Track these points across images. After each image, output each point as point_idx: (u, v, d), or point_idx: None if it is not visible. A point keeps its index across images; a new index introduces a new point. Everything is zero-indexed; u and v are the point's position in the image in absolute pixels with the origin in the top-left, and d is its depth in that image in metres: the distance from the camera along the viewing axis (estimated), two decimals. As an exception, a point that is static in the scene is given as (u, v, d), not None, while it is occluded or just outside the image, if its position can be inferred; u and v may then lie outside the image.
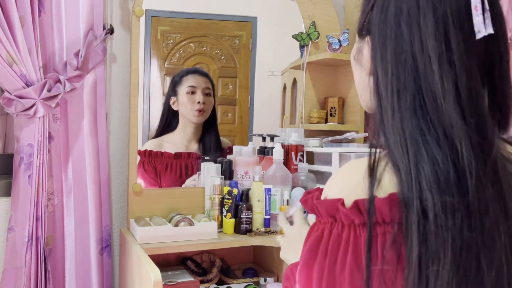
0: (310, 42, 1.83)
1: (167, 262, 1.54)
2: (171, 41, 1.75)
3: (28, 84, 1.33)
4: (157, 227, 1.37)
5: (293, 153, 1.66)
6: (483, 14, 0.53)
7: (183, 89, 1.70)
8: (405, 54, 0.55)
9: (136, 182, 1.51)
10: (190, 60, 1.77)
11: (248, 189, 1.53)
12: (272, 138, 1.70)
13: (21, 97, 1.31)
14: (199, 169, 1.65)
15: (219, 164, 1.59)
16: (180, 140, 1.72)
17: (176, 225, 1.39)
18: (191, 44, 1.78)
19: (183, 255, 1.56)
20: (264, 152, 1.68)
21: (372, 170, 0.55)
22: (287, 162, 1.63)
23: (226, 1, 1.85)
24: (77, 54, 1.41)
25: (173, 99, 1.71)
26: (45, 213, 1.37)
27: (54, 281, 1.42)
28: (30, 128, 1.34)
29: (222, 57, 1.82)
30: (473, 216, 0.50)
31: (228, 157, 1.65)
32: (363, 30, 0.63)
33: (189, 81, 1.71)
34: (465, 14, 0.54)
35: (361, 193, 0.54)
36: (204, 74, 1.76)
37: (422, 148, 0.52)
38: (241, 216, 1.48)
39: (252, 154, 1.64)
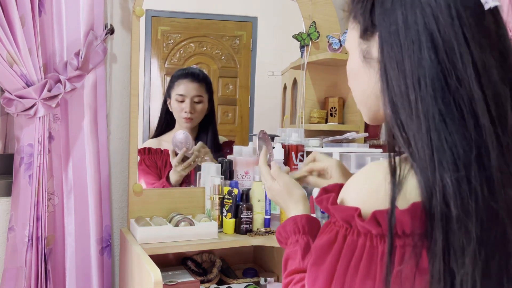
0: (310, 42, 1.83)
1: (167, 262, 1.54)
2: (171, 41, 1.75)
3: (28, 84, 1.33)
4: (157, 227, 1.37)
5: (293, 153, 1.66)
6: None
7: (173, 95, 1.71)
8: (421, 35, 0.53)
9: (136, 182, 1.51)
10: (190, 60, 1.78)
11: (249, 189, 1.53)
12: (272, 138, 1.70)
13: (21, 97, 1.31)
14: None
15: (219, 164, 1.59)
16: None
17: (176, 225, 1.39)
18: (191, 44, 1.78)
19: (183, 255, 1.56)
20: (264, 152, 1.68)
21: (393, 174, 0.52)
22: (287, 162, 1.63)
23: (226, 1, 1.85)
24: (77, 54, 1.41)
25: (168, 100, 1.73)
26: (45, 213, 1.37)
27: (54, 281, 1.42)
28: (30, 128, 1.34)
29: (222, 57, 1.82)
30: (497, 188, 0.49)
31: (228, 157, 1.65)
32: (368, 30, 0.60)
33: (179, 88, 1.70)
34: None
35: (381, 201, 0.52)
36: (198, 79, 1.73)
37: (443, 140, 0.50)
38: (241, 216, 1.48)
39: (252, 154, 1.64)
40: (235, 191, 1.50)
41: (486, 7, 0.53)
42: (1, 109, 1.45)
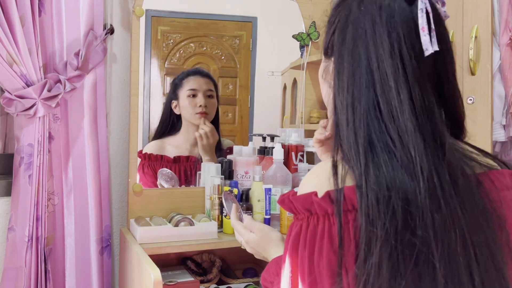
0: (310, 42, 1.83)
1: (167, 262, 1.54)
2: (171, 41, 1.75)
3: (28, 84, 1.33)
4: (157, 227, 1.37)
5: (293, 153, 1.66)
6: (430, 33, 0.61)
7: (184, 92, 1.67)
8: (362, 70, 0.62)
9: (136, 182, 1.51)
10: (190, 60, 1.78)
11: (248, 189, 1.53)
12: (272, 138, 1.70)
13: (21, 97, 1.31)
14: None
15: (219, 164, 1.59)
16: (183, 144, 1.71)
17: (176, 225, 1.39)
18: (191, 44, 1.78)
19: (183, 255, 1.56)
20: (264, 152, 1.68)
21: (335, 170, 0.60)
22: (287, 162, 1.63)
23: (226, 1, 1.85)
24: (77, 54, 1.41)
25: (174, 102, 1.69)
26: (45, 213, 1.37)
27: (54, 281, 1.42)
28: (30, 128, 1.34)
29: (222, 57, 1.82)
30: (424, 213, 0.55)
31: (228, 157, 1.65)
32: (328, 51, 0.71)
33: (189, 84, 1.68)
34: (415, 35, 0.61)
35: (331, 186, 0.59)
36: (206, 75, 1.73)
37: (371, 158, 0.58)
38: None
39: (252, 154, 1.64)
40: (235, 191, 1.50)
41: (427, 53, 0.61)
42: (1, 109, 1.45)
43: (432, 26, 0.61)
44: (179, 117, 1.70)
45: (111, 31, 1.50)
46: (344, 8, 0.70)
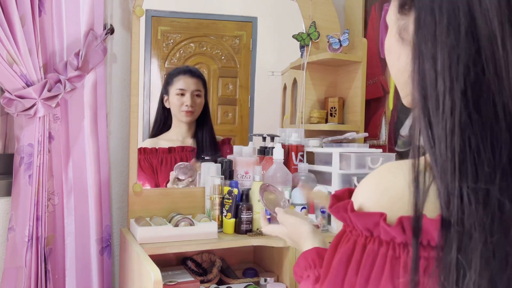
0: (310, 42, 1.83)
1: (167, 262, 1.54)
2: (171, 41, 1.75)
3: (28, 84, 1.33)
4: (157, 227, 1.37)
5: (293, 153, 1.66)
6: None
7: (173, 90, 1.72)
8: (460, 17, 0.45)
9: (136, 182, 1.51)
10: (190, 60, 1.78)
11: (248, 189, 1.53)
12: (272, 138, 1.70)
13: (21, 97, 1.31)
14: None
15: (219, 164, 1.59)
16: (175, 137, 1.74)
17: (176, 225, 1.39)
18: (191, 44, 1.78)
19: (183, 255, 1.56)
20: (264, 152, 1.68)
21: (416, 179, 0.47)
22: (287, 162, 1.63)
23: (226, 1, 1.85)
24: (77, 54, 1.41)
25: (165, 97, 1.73)
26: (45, 213, 1.37)
27: (54, 281, 1.42)
28: (30, 128, 1.34)
29: (222, 57, 1.82)
30: None
31: (228, 157, 1.66)
32: (406, 4, 0.54)
33: (179, 83, 1.72)
34: None
35: (404, 207, 0.47)
36: (196, 75, 1.76)
37: (467, 143, 0.43)
38: (241, 216, 1.48)
39: (252, 154, 1.64)
40: (235, 191, 1.50)
41: None
42: (1, 109, 1.45)
43: None
44: (169, 111, 1.74)
45: (111, 31, 1.50)
46: None
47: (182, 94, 1.71)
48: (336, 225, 1.53)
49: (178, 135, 1.74)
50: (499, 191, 0.42)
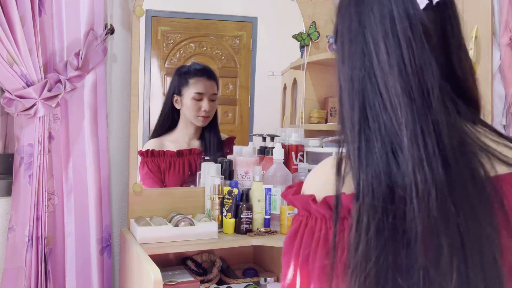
0: (310, 42, 1.83)
1: (167, 262, 1.54)
2: (172, 41, 1.75)
3: (28, 84, 1.33)
4: (157, 227, 1.37)
5: (293, 153, 1.66)
6: None
7: (189, 93, 1.67)
8: (357, 40, 0.59)
9: (136, 182, 1.51)
10: (190, 60, 1.78)
11: (249, 189, 1.53)
12: (272, 138, 1.70)
13: (21, 97, 1.31)
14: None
15: (219, 164, 1.59)
16: (182, 138, 1.71)
17: (176, 225, 1.39)
18: (192, 44, 1.78)
19: (183, 255, 1.56)
20: (264, 152, 1.68)
21: (338, 168, 0.59)
22: (287, 162, 1.63)
23: (226, 1, 1.85)
24: (77, 54, 1.41)
25: (176, 97, 1.69)
26: (45, 213, 1.37)
27: (54, 281, 1.42)
28: (30, 128, 1.34)
29: (223, 57, 1.82)
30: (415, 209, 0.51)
31: (229, 157, 1.65)
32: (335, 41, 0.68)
33: (197, 87, 1.68)
34: None
35: (331, 189, 0.58)
36: (212, 77, 1.73)
37: (364, 136, 0.56)
38: (241, 216, 1.48)
39: (252, 154, 1.64)
40: (235, 191, 1.50)
41: (422, 6, 0.56)
42: (1, 109, 1.45)
43: None
44: (178, 112, 1.70)
45: (111, 31, 1.50)
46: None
47: (200, 99, 1.66)
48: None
49: (184, 136, 1.71)
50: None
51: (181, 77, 1.70)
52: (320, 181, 0.63)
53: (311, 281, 0.58)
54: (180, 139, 1.71)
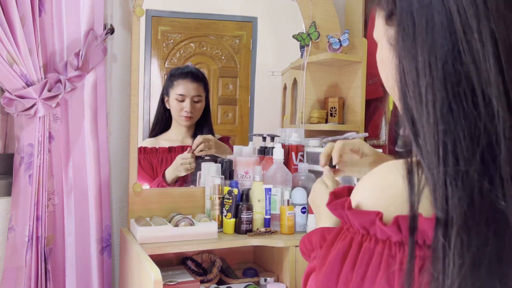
0: (310, 42, 1.83)
1: (167, 262, 1.54)
2: (172, 41, 1.75)
3: (28, 84, 1.33)
4: (157, 227, 1.37)
5: (293, 153, 1.66)
6: None
7: (173, 93, 1.71)
8: (435, 13, 0.46)
9: (136, 182, 1.51)
10: (190, 60, 1.78)
11: (249, 189, 1.53)
12: (272, 138, 1.70)
13: (21, 97, 1.31)
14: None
15: (219, 164, 1.59)
16: (175, 137, 1.74)
17: (176, 225, 1.39)
18: (192, 44, 1.78)
19: (183, 255, 1.56)
20: (264, 152, 1.68)
21: (410, 178, 0.47)
22: (287, 162, 1.63)
23: (227, 1, 1.85)
24: (77, 54, 1.41)
25: (166, 98, 1.73)
26: (45, 212, 1.37)
27: (54, 281, 1.42)
28: (30, 128, 1.35)
29: (223, 57, 1.82)
30: (506, 187, 0.42)
31: (228, 157, 1.66)
32: (393, 14, 0.54)
33: (179, 88, 1.71)
34: None
35: (402, 206, 0.47)
36: (197, 80, 1.74)
37: (449, 130, 0.44)
38: (241, 216, 1.48)
39: (252, 154, 1.64)
40: (235, 191, 1.50)
41: None
42: (1, 109, 1.45)
43: None
44: (170, 111, 1.74)
45: (111, 31, 1.50)
46: None
47: (182, 100, 1.70)
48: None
49: (178, 135, 1.74)
50: (478, 174, 0.42)
51: (170, 78, 1.74)
52: (383, 195, 0.51)
53: None
54: (173, 137, 1.74)
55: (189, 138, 1.75)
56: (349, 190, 0.58)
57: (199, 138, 1.71)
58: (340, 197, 0.56)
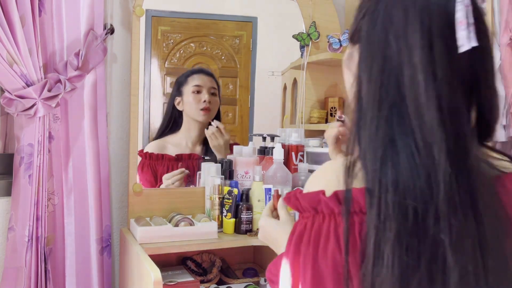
0: (310, 42, 1.83)
1: (167, 262, 1.54)
2: (172, 41, 1.75)
3: (28, 84, 1.33)
4: (157, 227, 1.37)
5: (293, 153, 1.66)
6: (468, 28, 0.55)
7: (188, 88, 1.69)
8: (391, 60, 0.58)
9: (136, 182, 1.51)
10: (190, 60, 1.78)
11: (248, 189, 1.53)
12: (272, 138, 1.70)
13: (21, 97, 1.31)
14: (199, 170, 1.65)
15: (220, 164, 1.59)
16: (184, 142, 1.71)
17: (176, 225, 1.39)
18: (192, 44, 1.78)
19: (183, 255, 1.56)
20: (264, 152, 1.68)
21: (348, 169, 0.59)
22: (287, 162, 1.63)
23: (227, 1, 1.85)
24: (77, 54, 1.41)
25: (178, 99, 1.70)
26: (45, 212, 1.37)
27: (54, 281, 1.42)
28: (30, 128, 1.34)
29: (223, 57, 1.82)
30: (441, 217, 0.53)
31: (228, 157, 1.65)
32: (355, 36, 0.66)
33: (194, 80, 1.70)
34: (449, 29, 0.56)
35: (339, 186, 0.58)
36: (210, 74, 1.75)
37: (390, 156, 0.56)
38: (241, 216, 1.48)
39: (252, 154, 1.64)
40: (235, 191, 1.50)
41: (462, 49, 0.56)
42: (1, 109, 1.45)
43: (471, 20, 0.55)
44: (181, 114, 1.71)
45: (111, 31, 1.50)
46: None
47: (199, 92, 1.69)
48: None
49: (187, 140, 1.71)
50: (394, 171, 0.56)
51: (180, 80, 1.72)
52: (325, 180, 0.62)
53: (324, 281, 0.56)
54: (182, 142, 1.71)
55: (199, 144, 1.73)
56: (301, 190, 0.67)
57: (219, 123, 1.68)
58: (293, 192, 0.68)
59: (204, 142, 1.73)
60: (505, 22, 1.33)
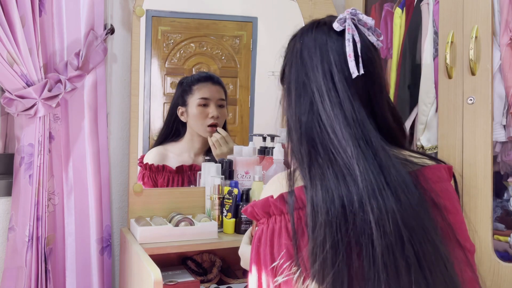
0: (310, 42, 1.83)
1: (167, 262, 1.54)
2: (172, 41, 1.75)
3: (28, 84, 1.33)
4: (158, 227, 1.37)
5: (293, 153, 1.65)
6: (356, 59, 0.75)
7: (193, 100, 1.61)
8: (305, 91, 0.78)
9: (136, 182, 1.51)
10: (190, 60, 1.78)
11: (249, 189, 1.53)
12: (272, 138, 1.70)
13: (21, 97, 1.31)
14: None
15: (220, 164, 1.59)
16: (187, 153, 1.67)
17: (177, 225, 1.39)
18: (192, 44, 1.78)
19: (183, 255, 1.56)
20: (264, 152, 1.68)
21: (290, 175, 0.73)
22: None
23: (227, 1, 1.85)
24: (77, 54, 1.41)
25: (181, 109, 1.64)
26: (45, 212, 1.37)
27: (54, 281, 1.42)
28: (30, 128, 1.35)
29: (223, 57, 1.82)
30: (364, 203, 0.65)
31: (229, 157, 1.65)
32: (282, 80, 0.90)
33: (201, 92, 1.60)
34: (344, 61, 0.76)
35: (283, 190, 0.71)
36: (218, 82, 1.66)
37: (314, 159, 0.72)
38: (242, 216, 1.48)
39: (252, 154, 1.64)
40: (235, 191, 1.50)
41: (354, 75, 0.75)
42: (1, 109, 1.45)
43: (359, 53, 0.75)
44: (184, 124, 1.66)
45: (112, 31, 1.50)
46: (291, 43, 0.89)
47: (206, 105, 1.57)
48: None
49: (190, 151, 1.66)
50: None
51: (184, 86, 1.65)
52: (274, 186, 0.75)
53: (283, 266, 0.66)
54: (184, 152, 1.67)
55: (202, 155, 1.68)
56: None
57: (224, 132, 1.59)
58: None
59: (207, 152, 1.68)
60: (505, 22, 1.33)
